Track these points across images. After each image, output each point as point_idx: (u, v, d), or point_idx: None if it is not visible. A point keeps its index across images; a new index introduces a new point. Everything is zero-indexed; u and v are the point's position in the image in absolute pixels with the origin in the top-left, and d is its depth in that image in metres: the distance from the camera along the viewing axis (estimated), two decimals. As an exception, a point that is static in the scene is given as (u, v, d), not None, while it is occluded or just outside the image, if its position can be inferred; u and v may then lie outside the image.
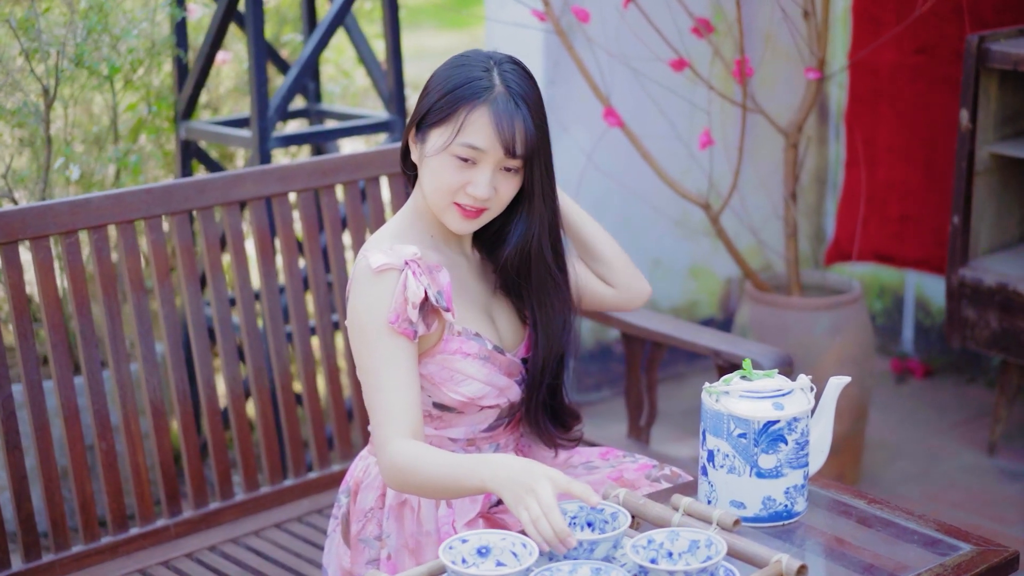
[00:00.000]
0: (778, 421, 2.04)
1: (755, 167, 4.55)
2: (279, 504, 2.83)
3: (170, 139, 3.84)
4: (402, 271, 2.16)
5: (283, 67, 3.90)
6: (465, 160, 2.15)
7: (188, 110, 3.65)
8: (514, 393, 2.32)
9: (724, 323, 4.64)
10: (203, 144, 3.85)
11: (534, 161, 2.18)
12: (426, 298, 2.17)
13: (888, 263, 4.57)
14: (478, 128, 2.14)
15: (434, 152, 2.18)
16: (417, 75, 5.40)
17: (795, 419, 2.06)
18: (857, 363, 3.73)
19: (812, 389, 2.12)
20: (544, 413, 2.35)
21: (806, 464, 2.09)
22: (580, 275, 2.45)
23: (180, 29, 3.58)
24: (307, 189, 2.85)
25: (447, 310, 2.18)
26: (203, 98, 4.21)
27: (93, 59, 3.25)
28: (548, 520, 1.87)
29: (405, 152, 2.29)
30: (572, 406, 2.41)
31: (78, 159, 3.50)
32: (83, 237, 3.23)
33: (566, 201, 2.44)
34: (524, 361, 2.34)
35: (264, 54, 3.38)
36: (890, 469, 3.95)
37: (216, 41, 3.52)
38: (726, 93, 3.86)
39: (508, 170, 2.18)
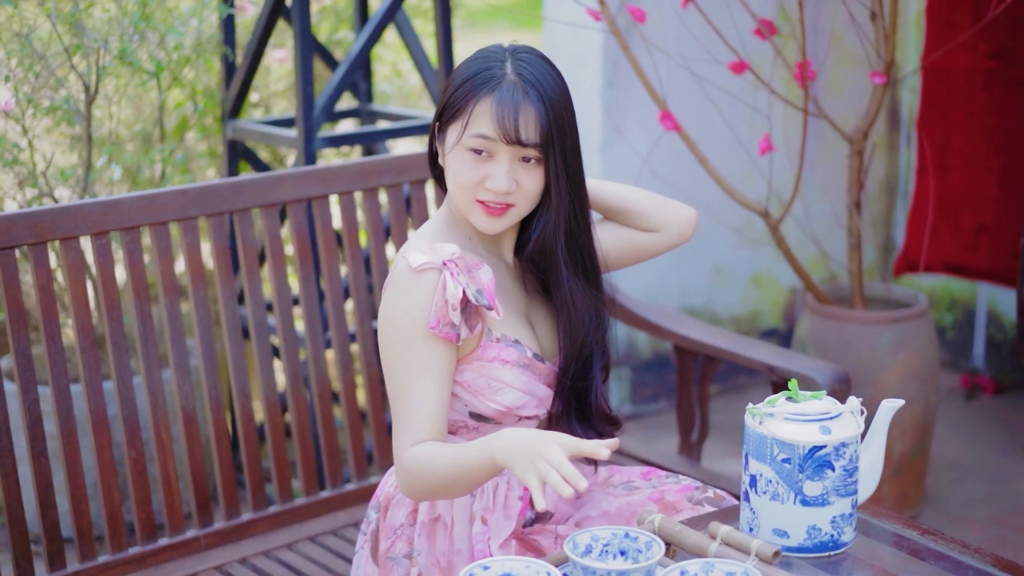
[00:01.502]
0: (824, 446, 1.93)
1: (819, 174, 4.41)
2: (314, 516, 2.75)
3: (220, 138, 3.79)
4: (441, 271, 2.07)
5: (335, 66, 3.83)
6: (479, 152, 2.09)
7: (235, 109, 3.59)
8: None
9: (787, 334, 4.51)
10: (251, 144, 3.79)
11: (549, 150, 2.09)
12: (466, 298, 2.08)
13: (959, 275, 4.41)
14: (485, 117, 2.07)
15: (451, 148, 2.12)
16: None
17: (843, 444, 1.94)
18: (922, 380, 3.59)
19: (863, 412, 2.00)
20: (573, 417, 2.25)
21: (855, 492, 1.98)
22: (620, 238, 2.34)
23: (228, 26, 3.52)
24: (349, 192, 2.77)
25: (489, 308, 2.09)
26: (255, 97, 4.16)
27: (137, 56, 3.20)
28: (558, 471, 1.83)
29: (434, 156, 2.21)
30: (610, 412, 2.30)
31: (121, 157, 3.45)
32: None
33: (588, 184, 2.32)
34: None
35: (310, 51, 3.30)
36: (955, 490, 3.80)
37: (263, 38, 3.45)
38: (789, 97, 3.73)
39: (527, 160, 2.10)
